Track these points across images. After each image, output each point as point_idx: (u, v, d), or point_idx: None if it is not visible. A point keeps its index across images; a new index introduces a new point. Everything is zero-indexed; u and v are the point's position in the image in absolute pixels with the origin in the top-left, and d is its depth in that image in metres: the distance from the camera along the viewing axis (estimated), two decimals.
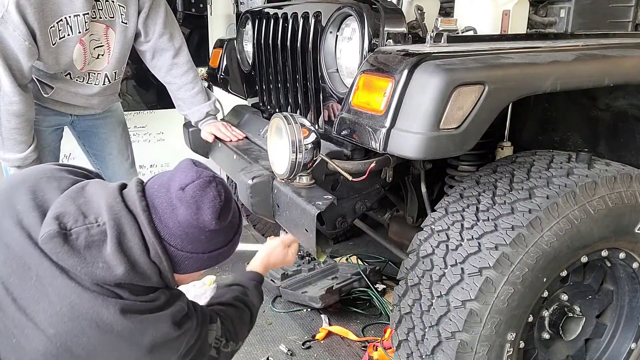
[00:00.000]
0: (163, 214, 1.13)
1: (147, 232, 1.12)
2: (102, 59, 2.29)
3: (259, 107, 2.57)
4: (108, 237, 1.08)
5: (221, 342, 1.35)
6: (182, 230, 1.14)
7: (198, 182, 1.14)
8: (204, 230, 1.15)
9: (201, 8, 3.72)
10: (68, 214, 1.09)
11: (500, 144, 1.94)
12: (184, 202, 1.12)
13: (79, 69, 2.22)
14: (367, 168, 1.66)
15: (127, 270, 1.08)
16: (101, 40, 2.24)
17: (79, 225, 1.08)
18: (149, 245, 1.12)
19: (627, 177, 1.61)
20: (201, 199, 1.13)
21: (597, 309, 1.83)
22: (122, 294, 1.11)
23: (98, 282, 1.08)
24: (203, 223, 1.14)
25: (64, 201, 1.12)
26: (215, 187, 1.16)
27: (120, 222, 1.10)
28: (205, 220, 1.14)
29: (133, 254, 1.10)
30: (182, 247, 1.15)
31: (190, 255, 1.18)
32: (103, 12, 2.20)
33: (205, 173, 1.17)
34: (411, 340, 1.59)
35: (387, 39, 1.67)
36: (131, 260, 1.10)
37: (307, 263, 3.03)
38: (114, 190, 1.16)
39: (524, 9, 1.87)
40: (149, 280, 1.14)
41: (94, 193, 1.15)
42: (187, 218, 1.13)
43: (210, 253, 1.21)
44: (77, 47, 2.15)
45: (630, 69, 1.72)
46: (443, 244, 1.55)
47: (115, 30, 2.27)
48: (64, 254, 1.05)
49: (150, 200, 1.15)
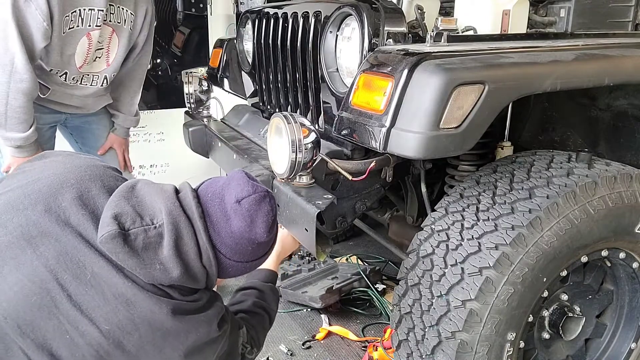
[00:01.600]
0: (217, 222, 1.17)
1: (202, 238, 1.15)
2: (100, 61, 2.36)
3: (259, 107, 2.56)
4: (165, 240, 1.11)
5: (247, 349, 1.40)
6: (234, 240, 1.18)
7: (254, 196, 1.19)
8: (253, 242, 1.20)
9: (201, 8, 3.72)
10: (125, 214, 1.11)
11: (500, 143, 1.94)
12: (239, 214, 1.16)
13: (78, 66, 2.26)
14: (367, 168, 1.66)
15: (182, 273, 1.12)
16: (103, 44, 2.30)
17: (137, 227, 1.11)
18: (202, 251, 1.16)
19: (627, 177, 1.61)
20: (256, 213, 1.18)
21: (597, 309, 1.83)
22: (172, 294, 1.14)
23: (154, 282, 1.12)
24: (255, 236, 1.19)
25: (119, 201, 1.14)
26: (269, 202, 1.21)
27: (178, 226, 1.13)
28: (257, 233, 1.19)
29: (188, 258, 1.14)
30: (230, 255, 1.20)
31: (235, 264, 1.23)
32: (114, 17, 2.30)
33: (260, 188, 1.22)
34: (411, 340, 1.58)
35: (387, 39, 1.67)
36: (186, 263, 1.13)
37: (307, 263, 3.03)
38: (171, 193, 1.19)
39: (524, 8, 1.87)
40: (197, 283, 1.19)
41: (146, 193, 1.18)
42: (241, 230, 1.17)
43: (252, 262, 1.26)
44: (83, 39, 2.20)
45: (630, 68, 1.72)
46: (443, 244, 1.55)
47: (120, 36, 2.35)
48: (124, 255, 1.08)
49: (204, 207, 1.18)
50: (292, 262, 3.07)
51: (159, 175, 3.53)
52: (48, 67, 2.20)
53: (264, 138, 2.08)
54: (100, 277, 1.09)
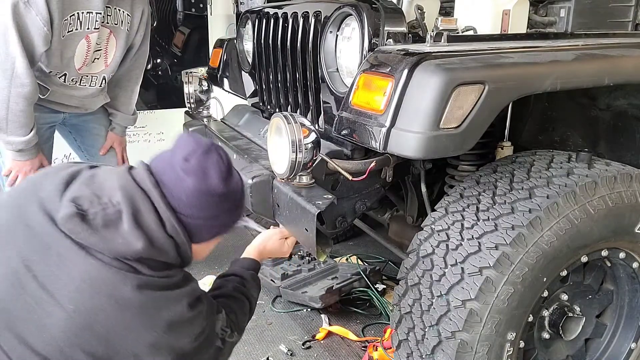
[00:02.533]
0: (173, 187, 1.18)
1: (161, 206, 1.16)
2: (99, 62, 2.38)
3: (259, 107, 2.56)
4: (124, 215, 1.13)
5: (226, 333, 1.37)
6: (194, 198, 1.19)
7: (200, 150, 1.20)
8: (213, 194, 1.20)
9: (201, 8, 3.73)
10: (83, 197, 1.14)
11: (500, 143, 1.94)
12: (190, 171, 1.17)
13: (77, 68, 2.28)
14: (367, 168, 1.66)
15: (146, 245, 1.13)
16: (102, 45, 2.32)
17: (95, 207, 1.13)
18: (164, 219, 1.17)
19: (627, 177, 1.61)
20: (206, 164, 1.19)
21: (597, 308, 1.83)
22: (141, 269, 1.14)
23: (119, 256, 1.12)
24: (211, 187, 1.19)
25: (78, 187, 1.17)
26: (216, 152, 1.22)
27: (134, 200, 1.15)
28: (213, 183, 1.19)
29: (150, 229, 1.15)
30: (196, 215, 1.20)
31: (203, 223, 1.23)
32: (111, 18, 2.32)
33: (203, 141, 1.23)
34: (411, 340, 1.58)
35: (387, 39, 1.68)
36: (149, 235, 1.14)
37: (307, 263, 3.03)
38: (123, 171, 1.22)
39: (524, 8, 1.87)
40: (167, 255, 1.19)
41: (104, 178, 1.21)
42: (197, 185, 1.18)
43: (221, 218, 1.27)
44: (82, 42, 2.22)
45: (630, 68, 1.72)
46: (443, 244, 1.55)
47: (117, 37, 2.37)
48: (84, 233, 1.10)
49: (158, 177, 1.19)
50: (292, 262, 3.07)
51: None
52: (48, 69, 2.21)
53: (264, 138, 2.08)
54: (65, 256, 1.11)
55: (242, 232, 3.78)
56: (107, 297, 1.10)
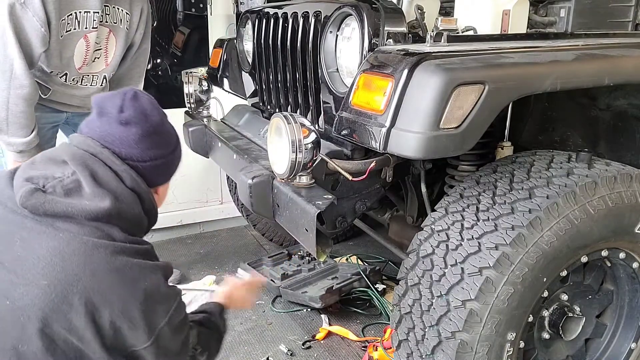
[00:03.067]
0: (119, 141, 1.22)
1: (114, 162, 1.20)
2: (99, 61, 2.38)
3: (259, 107, 2.56)
4: (82, 181, 1.15)
5: (197, 351, 1.39)
6: (144, 142, 1.23)
7: (127, 97, 1.24)
8: (158, 131, 1.27)
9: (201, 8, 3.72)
10: (36, 177, 1.15)
11: (500, 143, 1.94)
12: (131, 120, 1.22)
13: (77, 67, 2.28)
14: (367, 168, 1.66)
15: (113, 202, 1.15)
16: (101, 44, 2.32)
17: (50, 181, 1.15)
18: (121, 174, 1.20)
19: (627, 177, 1.61)
20: (141, 107, 1.24)
21: (597, 309, 1.83)
22: (113, 234, 1.15)
23: (90, 218, 1.13)
24: (155, 124, 1.26)
25: (24, 171, 1.18)
26: (141, 94, 1.28)
27: (86, 165, 1.17)
28: (155, 121, 1.26)
29: (111, 186, 1.18)
30: (149, 157, 1.25)
31: (158, 163, 1.28)
32: (110, 17, 2.32)
33: (124, 89, 1.28)
34: (411, 340, 1.58)
35: (387, 39, 1.67)
36: (112, 191, 1.17)
37: (307, 263, 3.03)
38: (65, 146, 1.26)
39: (524, 8, 1.87)
40: (134, 209, 1.22)
41: (46, 160, 1.23)
42: (143, 129, 1.23)
43: (169, 155, 1.32)
44: (80, 41, 2.22)
45: (630, 68, 1.72)
46: (443, 244, 1.55)
47: (117, 36, 2.38)
48: (49, 204, 1.11)
49: (101, 141, 1.22)
50: (292, 262, 3.08)
51: None
52: (49, 70, 2.22)
53: (264, 138, 2.08)
54: (30, 237, 1.11)
55: (242, 233, 3.80)
56: (82, 267, 1.08)
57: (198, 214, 3.76)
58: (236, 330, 2.60)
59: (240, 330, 2.60)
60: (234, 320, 2.67)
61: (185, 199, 3.66)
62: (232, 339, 2.53)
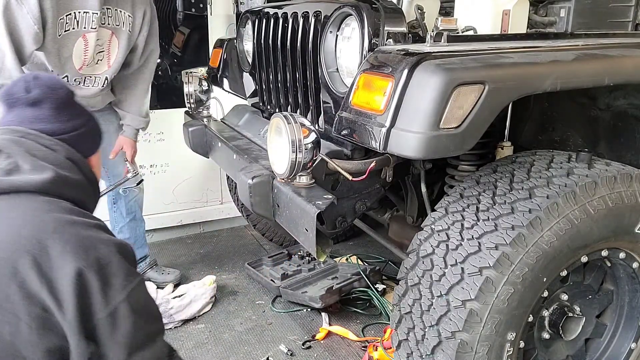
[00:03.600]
0: (39, 120, 1.27)
1: (44, 138, 1.25)
2: (102, 63, 2.39)
3: (259, 107, 2.56)
4: (19, 160, 1.18)
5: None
6: (60, 115, 1.30)
7: (29, 79, 1.28)
8: (69, 100, 1.34)
9: (201, 8, 3.72)
10: None
11: (500, 143, 1.94)
12: (40, 98, 1.27)
13: (77, 68, 2.29)
14: (367, 168, 1.66)
15: (55, 171, 1.19)
16: (104, 46, 2.34)
17: None
18: (53, 147, 1.25)
19: (627, 177, 1.61)
20: (45, 83, 1.29)
21: (597, 308, 1.83)
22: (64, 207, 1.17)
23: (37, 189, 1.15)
24: (64, 95, 1.32)
25: None
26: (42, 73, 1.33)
27: (20, 146, 1.21)
28: (63, 92, 1.32)
29: (48, 158, 1.21)
30: (69, 128, 1.31)
31: (79, 132, 1.33)
32: (112, 20, 2.33)
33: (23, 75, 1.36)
34: (411, 340, 1.58)
35: (387, 39, 1.67)
36: (51, 163, 1.21)
37: (307, 263, 3.03)
38: None
39: (524, 8, 1.87)
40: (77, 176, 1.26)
41: None
42: (55, 103, 1.29)
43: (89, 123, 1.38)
44: (79, 41, 2.22)
45: (630, 68, 1.72)
46: (443, 244, 1.55)
47: (119, 38, 2.38)
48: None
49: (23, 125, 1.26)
50: (292, 262, 3.08)
51: (158, 176, 3.53)
52: (50, 69, 2.22)
53: (264, 138, 2.08)
54: None
55: (242, 233, 3.81)
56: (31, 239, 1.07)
57: (198, 214, 3.76)
58: (236, 330, 2.60)
59: (240, 330, 2.60)
60: (234, 320, 2.67)
61: (185, 199, 3.66)
62: (232, 339, 2.53)
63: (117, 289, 1.14)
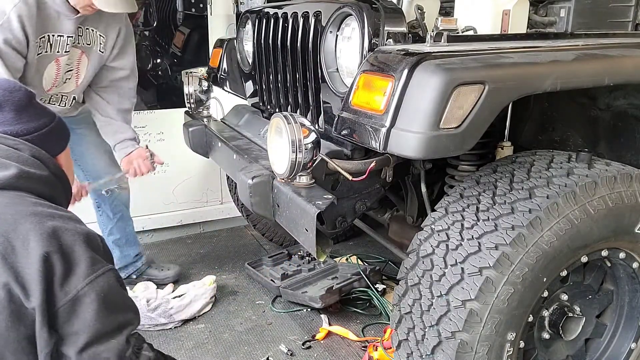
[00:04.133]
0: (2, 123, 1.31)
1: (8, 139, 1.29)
2: (70, 82, 2.36)
3: (259, 107, 2.56)
4: None
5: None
6: (21, 116, 1.33)
7: None
8: (28, 102, 1.36)
9: (201, 8, 3.72)
10: None
11: (500, 143, 1.94)
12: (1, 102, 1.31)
13: (47, 89, 2.28)
14: (367, 168, 1.66)
15: (18, 167, 1.23)
16: (72, 65, 2.31)
17: None
18: (18, 147, 1.29)
19: (627, 177, 1.61)
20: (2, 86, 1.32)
21: (597, 308, 1.83)
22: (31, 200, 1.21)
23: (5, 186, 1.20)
24: (22, 96, 1.34)
25: None
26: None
27: None
28: (20, 94, 1.34)
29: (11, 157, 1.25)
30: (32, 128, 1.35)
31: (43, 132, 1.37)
32: (83, 39, 2.30)
33: None
34: (411, 340, 1.58)
35: (387, 39, 1.67)
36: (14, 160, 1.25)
37: (307, 263, 3.03)
38: None
39: (524, 8, 1.87)
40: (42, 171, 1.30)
41: None
42: (15, 105, 1.32)
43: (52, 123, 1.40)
44: (51, 65, 2.21)
45: (630, 68, 1.72)
46: (443, 244, 1.55)
47: (90, 57, 2.35)
48: None
49: None
50: (292, 262, 3.08)
51: (159, 176, 3.52)
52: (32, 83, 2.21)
53: (264, 138, 2.08)
54: None
55: (242, 233, 3.81)
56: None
57: (198, 214, 3.76)
58: (236, 330, 2.60)
59: (240, 330, 2.60)
60: (234, 320, 2.67)
61: (185, 199, 3.66)
62: (232, 339, 2.53)
63: (80, 277, 1.15)
